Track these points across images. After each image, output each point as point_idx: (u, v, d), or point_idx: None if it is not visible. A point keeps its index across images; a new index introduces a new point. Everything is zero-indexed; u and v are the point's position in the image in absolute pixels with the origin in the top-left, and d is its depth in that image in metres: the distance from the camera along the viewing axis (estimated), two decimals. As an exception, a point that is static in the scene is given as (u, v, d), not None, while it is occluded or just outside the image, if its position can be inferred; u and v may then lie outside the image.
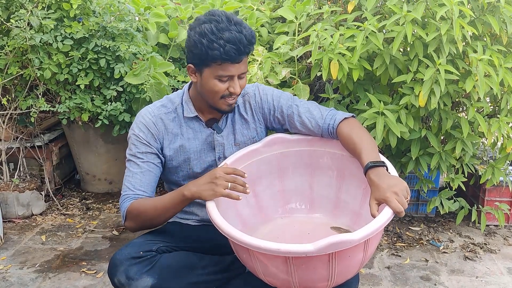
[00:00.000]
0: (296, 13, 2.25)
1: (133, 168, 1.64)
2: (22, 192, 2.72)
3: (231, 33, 1.48)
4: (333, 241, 1.24)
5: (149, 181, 1.65)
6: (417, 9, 1.84)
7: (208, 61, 1.52)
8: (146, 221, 1.60)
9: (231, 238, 1.37)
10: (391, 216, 1.36)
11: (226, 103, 1.60)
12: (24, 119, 2.81)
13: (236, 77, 1.56)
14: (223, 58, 1.49)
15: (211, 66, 1.53)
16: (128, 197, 1.62)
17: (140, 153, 1.65)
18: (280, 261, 1.31)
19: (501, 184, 2.56)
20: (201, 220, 1.79)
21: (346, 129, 1.65)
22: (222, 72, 1.53)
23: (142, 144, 1.65)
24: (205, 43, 1.48)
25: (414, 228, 2.68)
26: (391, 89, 2.17)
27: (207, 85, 1.57)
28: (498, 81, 1.90)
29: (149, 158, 1.65)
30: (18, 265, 2.28)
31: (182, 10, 2.63)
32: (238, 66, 1.54)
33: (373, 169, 1.48)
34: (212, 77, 1.55)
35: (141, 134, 1.65)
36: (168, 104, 1.70)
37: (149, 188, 1.65)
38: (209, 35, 1.48)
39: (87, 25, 2.52)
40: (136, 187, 1.62)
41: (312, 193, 1.82)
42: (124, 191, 1.64)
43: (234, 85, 1.57)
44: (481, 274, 2.26)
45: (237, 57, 1.51)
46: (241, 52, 1.51)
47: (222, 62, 1.51)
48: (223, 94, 1.58)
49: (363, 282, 2.16)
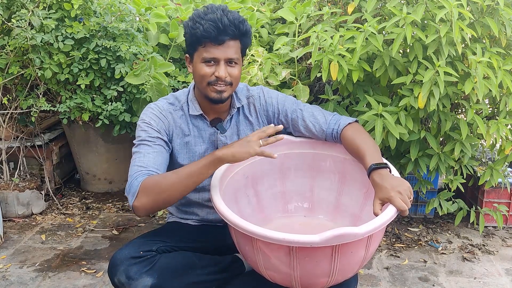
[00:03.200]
0: (297, 14, 2.26)
1: (144, 150, 1.57)
2: (22, 191, 2.73)
3: (214, 14, 1.53)
4: (338, 233, 1.26)
5: (161, 161, 1.57)
6: (417, 11, 1.85)
7: (194, 44, 1.57)
8: (163, 192, 1.45)
9: (236, 227, 1.37)
10: (395, 214, 1.38)
11: (213, 89, 1.60)
12: (24, 118, 2.81)
13: (222, 62, 1.57)
14: (203, 35, 1.53)
15: (198, 49, 1.57)
16: (141, 172, 1.50)
17: (151, 137, 1.61)
18: (283, 253, 1.32)
19: (500, 185, 2.57)
20: (201, 220, 1.80)
21: (350, 133, 1.67)
22: (206, 54, 1.56)
23: (153, 130, 1.62)
24: (190, 24, 1.56)
25: (412, 229, 2.69)
26: (391, 91, 2.17)
27: (196, 71, 1.60)
28: (497, 83, 1.90)
29: (160, 143, 1.62)
30: (18, 264, 2.28)
31: (182, 11, 2.64)
32: (222, 49, 1.55)
33: (376, 170, 1.51)
34: (199, 61, 1.58)
35: (152, 121, 1.63)
36: (175, 102, 1.71)
37: (161, 168, 1.55)
38: (195, 18, 1.55)
39: (88, 25, 2.53)
40: (149, 165, 1.52)
41: (312, 195, 1.83)
42: (134, 170, 1.51)
43: (218, 69, 1.57)
44: (479, 275, 2.26)
45: (216, 36, 1.53)
46: (220, 31, 1.53)
47: (205, 43, 1.55)
48: (209, 80, 1.58)
49: (362, 282, 2.17)
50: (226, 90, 1.61)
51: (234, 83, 1.62)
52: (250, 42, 1.66)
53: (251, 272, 1.67)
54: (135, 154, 1.58)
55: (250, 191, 1.77)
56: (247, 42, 1.63)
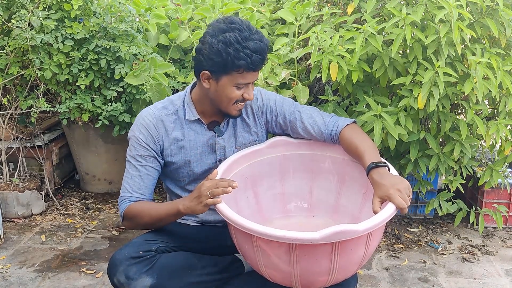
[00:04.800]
0: (296, 15, 2.26)
1: (132, 171, 1.67)
2: (22, 192, 2.73)
3: (256, 43, 1.50)
4: (338, 230, 1.27)
5: (147, 184, 1.68)
6: (416, 11, 1.85)
7: (228, 68, 1.52)
8: (141, 225, 1.68)
9: (236, 225, 1.38)
10: (394, 212, 1.38)
11: (237, 108, 1.63)
12: (24, 119, 2.81)
13: (251, 84, 1.60)
14: (249, 67, 1.52)
15: (231, 74, 1.54)
16: (126, 199, 1.66)
17: (139, 156, 1.66)
18: (283, 250, 1.32)
19: (499, 186, 2.57)
20: (200, 221, 1.80)
21: (348, 134, 1.68)
22: (242, 80, 1.55)
23: (141, 147, 1.66)
24: (232, 52, 1.48)
25: (412, 229, 2.69)
26: (390, 91, 2.17)
27: (224, 92, 1.58)
28: (497, 83, 1.90)
29: (148, 162, 1.67)
30: (18, 265, 2.28)
31: (182, 11, 2.64)
32: (256, 74, 1.58)
33: (375, 169, 1.51)
34: (230, 85, 1.56)
35: (141, 136, 1.66)
36: (169, 106, 1.70)
37: (146, 191, 1.68)
38: (235, 44, 1.49)
39: (88, 26, 2.53)
40: (134, 190, 1.66)
41: (311, 196, 1.83)
42: (122, 192, 1.68)
43: (249, 92, 1.60)
44: (479, 276, 2.26)
45: (261, 66, 1.55)
46: (264, 61, 1.55)
47: (244, 71, 1.53)
48: (237, 100, 1.60)
49: (362, 283, 2.17)
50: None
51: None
52: None
53: (251, 272, 1.67)
54: (125, 170, 1.69)
55: (249, 192, 1.77)
56: None
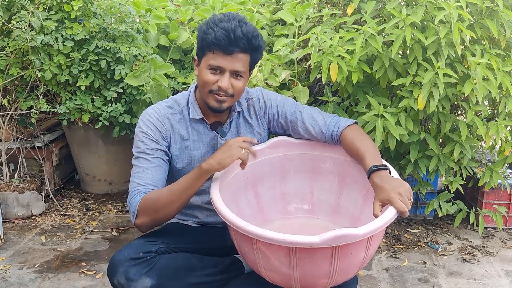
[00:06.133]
0: (296, 16, 2.26)
1: (143, 164, 1.61)
2: (22, 193, 2.73)
3: (229, 24, 1.52)
4: (339, 234, 1.27)
5: (160, 176, 1.62)
6: (416, 12, 1.86)
7: (203, 48, 1.56)
8: (161, 210, 1.53)
9: (236, 228, 1.38)
10: (395, 216, 1.38)
11: (214, 98, 1.60)
12: (24, 119, 2.81)
13: (227, 72, 1.57)
14: (213, 42, 1.52)
15: (206, 55, 1.57)
16: (139, 191, 1.57)
17: (149, 149, 1.63)
18: (283, 253, 1.32)
19: (499, 187, 2.57)
20: (200, 222, 1.80)
21: (349, 135, 1.67)
22: (213, 62, 1.55)
23: (151, 141, 1.64)
24: (203, 28, 1.55)
25: (412, 230, 2.69)
26: (390, 92, 2.17)
27: (200, 75, 1.60)
28: (497, 84, 1.91)
29: (159, 154, 1.64)
30: (18, 266, 2.28)
31: (182, 12, 2.64)
32: (230, 60, 1.55)
33: (376, 172, 1.51)
34: (205, 67, 1.58)
35: (150, 131, 1.64)
36: (174, 105, 1.70)
37: (159, 183, 1.61)
38: (210, 23, 1.54)
39: (88, 27, 2.53)
40: (147, 182, 1.58)
41: (312, 197, 1.83)
42: (133, 188, 1.59)
43: (222, 79, 1.57)
44: (479, 276, 2.26)
45: (226, 45, 1.52)
46: (231, 41, 1.52)
47: (214, 50, 1.54)
48: (211, 88, 1.58)
49: (362, 284, 2.17)
50: (227, 100, 1.61)
51: (236, 95, 1.62)
52: (261, 57, 1.65)
53: (251, 273, 1.67)
54: (134, 167, 1.62)
55: (250, 192, 1.78)
56: (257, 57, 1.62)
